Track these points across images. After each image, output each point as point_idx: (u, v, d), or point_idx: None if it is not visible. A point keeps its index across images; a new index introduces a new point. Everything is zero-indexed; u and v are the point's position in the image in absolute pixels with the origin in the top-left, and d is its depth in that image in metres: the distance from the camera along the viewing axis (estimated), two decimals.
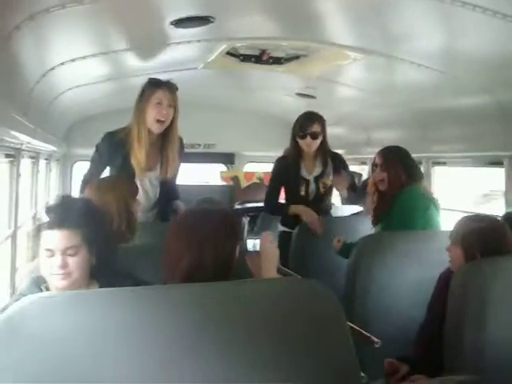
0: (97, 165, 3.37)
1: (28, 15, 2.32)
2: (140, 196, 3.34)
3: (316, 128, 3.95)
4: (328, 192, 4.13)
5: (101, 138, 3.37)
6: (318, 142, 3.97)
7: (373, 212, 3.49)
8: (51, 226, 2.01)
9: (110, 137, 3.34)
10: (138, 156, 3.26)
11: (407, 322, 2.77)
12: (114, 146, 3.31)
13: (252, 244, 2.10)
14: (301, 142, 3.98)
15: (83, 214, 2.08)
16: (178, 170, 3.56)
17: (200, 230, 1.79)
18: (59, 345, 1.35)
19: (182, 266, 1.75)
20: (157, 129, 3.27)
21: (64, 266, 1.98)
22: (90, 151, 3.44)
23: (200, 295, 1.51)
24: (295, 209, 3.98)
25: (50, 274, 2.00)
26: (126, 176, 3.18)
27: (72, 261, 2.00)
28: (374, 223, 3.47)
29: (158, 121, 3.24)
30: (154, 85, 3.26)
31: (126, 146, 3.28)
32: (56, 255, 1.99)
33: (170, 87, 3.26)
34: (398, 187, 3.30)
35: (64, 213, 2.03)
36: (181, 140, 3.49)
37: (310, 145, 3.97)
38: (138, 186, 3.32)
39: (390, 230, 3.30)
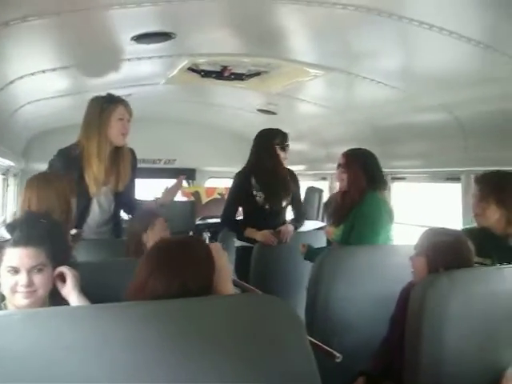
0: None
1: None
2: (95, 212, 3.35)
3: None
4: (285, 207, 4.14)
5: (54, 155, 3.32)
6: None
7: (334, 213, 3.51)
8: (16, 243, 1.96)
9: (64, 153, 3.29)
10: (96, 171, 3.23)
11: (369, 335, 2.79)
12: (69, 163, 3.23)
13: None
14: (282, 153, 4.02)
15: (48, 231, 2.05)
16: (133, 181, 3.55)
17: (182, 267, 1.70)
18: (16, 363, 1.32)
19: (148, 295, 1.68)
20: (121, 142, 3.32)
21: (30, 283, 1.95)
22: None
23: (157, 312, 1.49)
24: (250, 233, 4.00)
25: (13, 292, 1.95)
26: (83, 196, 3.16)
27: (38, 278, 1.97)
28: (335, 224, 3.47)
29: (122, 134, 3.30)
30: (114, 101, 3.28)
31: (80, 163, 3.24)
32: (21, 273, 1.95)
33: (127, 103, 3.33)
34: (358, 191, 3.31)
35: (29, 230, 2.00)
36: (133, 151, 3.50)
37: (286, 156, 4.03)
38: (94, 202, 3.31)
39: (349, 235, 3.29)
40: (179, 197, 7.00)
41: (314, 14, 2.54)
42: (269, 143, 4.03)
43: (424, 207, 4.73)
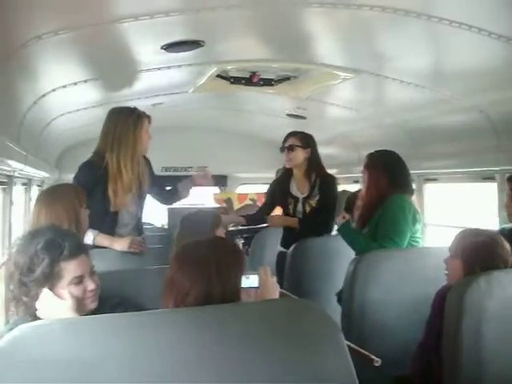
0: None
1: (20, 43, 2.33)
2: (125, 219, 3.45)
3: (292, 141, 4.06)
4: (316, 213, 4.09)
5: (79, 168, 3.37)
6: (295, 155, 4.07)
7: (358, 216, 3.48)
8: (73, 254, 1.99)
9: (90, 167, 3.35)
10: (128, 184, 3.33)
11: (406, 339, 2.76)
12: (95, 177, 3.30)
13: (248, 279, 2.03)
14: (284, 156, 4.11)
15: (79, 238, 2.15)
16: (153, 175, 3.70)
17: (207, 263, 1.77)
18: (53, 372, 1.34)
19: (189, 301, 1.71)
20: (146, 151, 3.52)
21: (97, 286, 2.03)
22: None
23: (195, 318, 1.50)
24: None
25: (81, 300, 1.98)
26: (106, 208, 3.30)
27: (96, 279, 2.04)
28: (360, 226, 3.43)
29: (147, 145, 3.48)
30: (141, 115, 3.40)
31: (105, 176, 3.30)
32: (85, 279, 2.00)
33: (149, 116, 3.47)
34: (379, 192, 3.27)
35: (73, 240, 2.04)
36: (145, 158, 3.60)
37: (286, 157, 4.09)
38: (124, 211, 3.37)
39: (375, 237, 3.24)
40: (212, 203, 7.04)
41: (341, 17, 2.53)
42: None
43: (458, 208, 4.68)
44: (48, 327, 1.42)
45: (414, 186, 3.69)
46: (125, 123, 3.35)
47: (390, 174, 3.29)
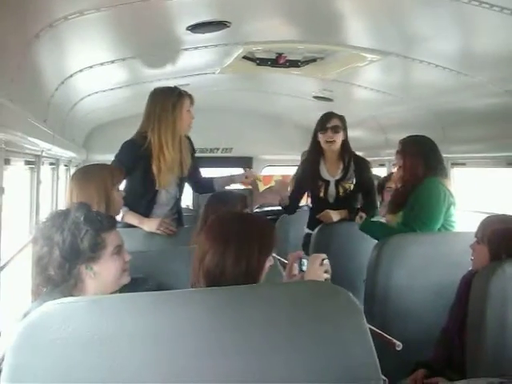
0: None
1: (47, 23, 2.34)
2: (163, 200, 3.49)
3: (336, 122, 3.98)
4: (350, 196, 4.08)
5: (122, 147, 3.40)
6: (339, 137, 3.99)
7: (392, 200, 3.47)
8: (111, 226, 2.05)
9: (132, 146, 3.38)
10: (170, 161, 3.36)
11: (428, 324, 2.75)
12: (137, 156, 3.34)
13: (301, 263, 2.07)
14: (321, 137, 4.01)
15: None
16: (195, 162, 3.70)
17: (226, 231, 1.80)
18: (78, 348, 1.37)
19: (204, 266, 1.76)
20: (188, 131, 3.56)
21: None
22: (109, 157, 3.45)
23: (220, 298, 1.52)
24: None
25: (122, 272, 2.03)
26: (145, 187, 3.36)
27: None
28: (393, 211, 3.43)
29: (190, 125, 3.51)
30: (182, 94, 3.43)
31: (147, 155, 3.34)
32: (123, 249, 2.06)
33: (190, 94, 3.49)
34: (415, 177, 3.26)
35: (105, 215, 2.11)
36: (188, 137, 3.64)
37: (331, 138, 3.98)
38: (163, 191, 3.43)
39: (407, 221, 3.26)
40: (237, 185, 7.05)
41: None
42: (313, 134, 4.10)
43: (486, 193, 4.62)
44: (74, 304, 1.45)
45: None
46: (165, 102, 3.38)
47: (424, 160, 3.29)
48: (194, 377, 1.42)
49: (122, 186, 3.40)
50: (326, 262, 2.03)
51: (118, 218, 3.14)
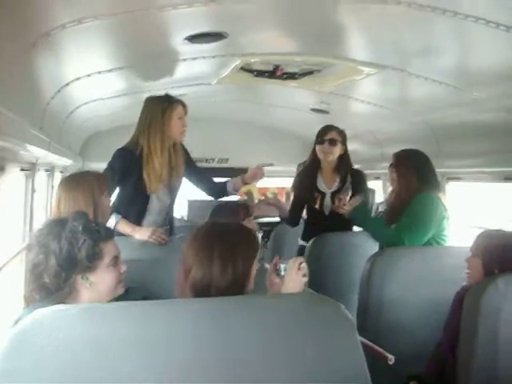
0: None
1: (44, 32, 2.35)
2: (155, 208, 3.48)
3: (334, 135, 3.99)
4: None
5: (114, 155, 3.41)
6: (336, 150, 4.01)
7: (386, 213, 3.48)
8: (109, 236, 2.06)
9: (124, 153, 3.39)
10: (158, 168, 3.36)
11: (421, 338, 2.75)
12: (129, 163, 3.36)
13: (280, 268, 2.09)
14: (318, 149, 4.03)
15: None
16: (196, 167, 3.80)
17: (209, 242, 1.80)
18: (68, 356, 1.37)
19: (191, 278, 1.76)
20: (181, 138, 3.55)
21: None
22: (105, 165, 3.45)
23: (210, 309, 1.51)
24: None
25: (117, 284, 2.02)
26: (137, 193, 3.36)
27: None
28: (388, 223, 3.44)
29: (182, 132, 3.50)
30: (173, 100, 3.46)
31: (139, 162, 3.35)
32: (119, 260, 2.05)
33: (184, 102, 3.51)
34: (409, 191, 3.28)
35: (101, 225, 2.11)
36: (182, 145, 3.65)
37: (327, 151, 4.00)
38: (153, 198, 3.40)
39: (400, 232, 3.26)
40: (232, 196, 7.05)
41: (367, 12, 2.51)
42: (313, 145, 4.13)
43: (481, 208, 4.63)
44: (65, 312, 1.45)
45: None
46: (155, 108, 3.42)
47: (418, 173, 3.31)
48: None
49: (115, 193, 3.41)
50: (304, 265, 2.04)
51: (111, 225, 3.14)
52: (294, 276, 2.01)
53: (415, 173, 3.31)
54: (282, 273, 2.07)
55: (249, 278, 1.82)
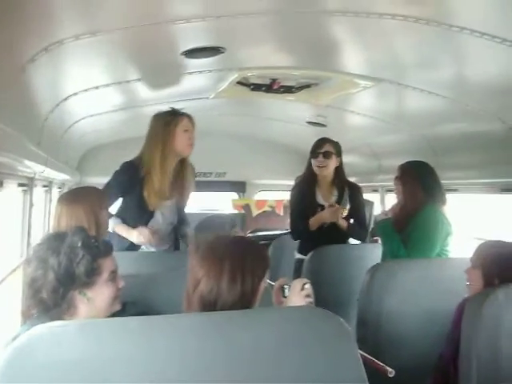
0: (108, 194, 3.22)
1: (42, 47, 2.35)
2: (159, 225, 3.43)
3: (328, 148, 4.00)
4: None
5: (120, 168, 3.38)
6: (331, 162, 4.01)
7: (394, 220, 3.47)
8: (108, 252, 2.05)
9: (129, 167, 3.36)
10: (158, 184, 3.29)
11: (421, 351, 2.74)
12: (134, 177, 3.32)
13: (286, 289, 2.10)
14: (313, 162, 4.04)
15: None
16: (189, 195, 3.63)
17: (219, 256, 1.80)
18: (67, 373, 1.36)
19: (198, 292, 1.76)
20: (188, 152, 3.43)
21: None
22: (103, 180, 3.45)
23: (208, 323, 1.51)
24: (315, 220, 3.98)
25: (114, 299, 2.02)
26: (141, 209, 3.31)
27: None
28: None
29: (189, 145, 3.40)
30: (178, 114, 3.40)
31: (143, 177, 3.31)
32: (117, 276, 2.05)
33: (190, 115, 3.44)
34: (414, 203, 3.28)
35: (102, 241, 2.10)
36: (191, 166, 3.56)
37: (322, 164, 4.00)
38: (158, 215, 3.37)
39: (404, 245, 3.27)
40: (230, 209, 7.05)
41: (363, 25, 2.52)
42: (308, 159, 4.13)
43: (479, 219, 4.63)
44: (63, 328, 1.44)
45: None
46: (158, 122, 3.38)
47: (423, 185, 3.31)
48: None
49: (117, 205, 3.40)
50: (308, 286, 2.04)
51: (110, 229, 3.14)
52: (296, 296, 2.01)
53: (420, 184, 3.32)
54: (286, 293, 2.08)
55: (256, 295, 1.81)
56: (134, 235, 3.23)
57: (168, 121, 3.35)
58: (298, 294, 2.01)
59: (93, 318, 1.94)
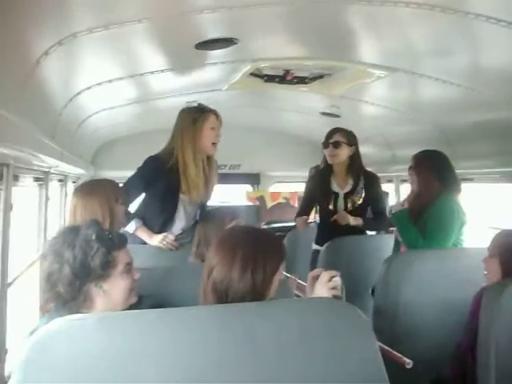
0: (131, 189, 3.27)
1: (56, 41, 2.36)
2: (181, 220, 3.45)
3: (338, 137, 4.01)
4: (358, 210, 4.07)
5: (145, 161, 3.37)
6: (341, 151, 4.02)
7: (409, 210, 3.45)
8: (122, 244, 2.06)
9: (156, 161, 3.35)
10: (195, 178, 3.33)
11: (439, 341, 2.73)
12: (159, 172, 3.31)
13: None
14: (325, 152, 4.07)
15: None
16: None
17: (233, 246, 1.81)
18: (86, 366, 1.36)
19: (211, 280, 1.77)
20: (212, 151, 3.49)
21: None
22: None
23: (226, 316, 1.51)
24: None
25: (130, 291, 2.02)
26: (170, 204, 3.34)
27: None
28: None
29: (213, 144, 3.44)
30: (206, 110, 3.41)
31: (171, 172, 3.31)
32: (132, 267, 2.05)
33: (217, 112, 3.46)
34: (429, 193, 3.27)
35: (116, 232, 2.11)
36: (216, 162, 3.62)
37: (332, 153, 4.03)
38: (181, 210, 3.40)
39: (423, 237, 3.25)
40: (244, 201, 7.05)
41: (377, 14, 2.50)
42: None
43: (496, 209, 4.60)
44: (82, 321, 1.44)
45: None
46: (186, 118, 3.38)
47: (438, 175, 3.29)
48: None
49: (139, 200, 3.41)
50: (336, 279, 2.00)
51: (130, 230, 3.15)
52: (321, 287, 1.98)
53: (436, 174, 3.30)
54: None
55: (269, 287, 1.81)
56: (156, 240, 3.24)
57: (196, 117, 3.36)
58: (325, 285, 1.98)
59: (110, 310, 1.95)
